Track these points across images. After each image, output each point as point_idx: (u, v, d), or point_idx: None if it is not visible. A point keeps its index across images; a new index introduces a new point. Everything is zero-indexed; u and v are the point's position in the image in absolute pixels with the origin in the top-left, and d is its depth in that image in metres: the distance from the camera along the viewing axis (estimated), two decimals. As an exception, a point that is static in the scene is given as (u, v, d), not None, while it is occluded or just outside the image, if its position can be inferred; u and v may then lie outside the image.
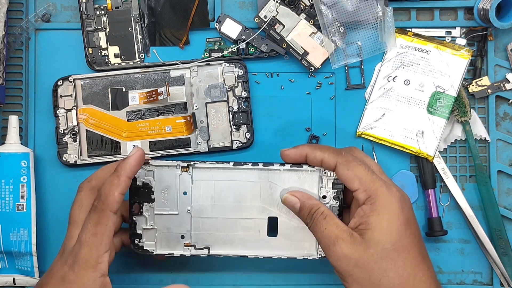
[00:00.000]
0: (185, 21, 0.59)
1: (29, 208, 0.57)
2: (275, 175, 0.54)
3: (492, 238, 0.59)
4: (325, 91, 0.60)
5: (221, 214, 0.54)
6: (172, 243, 0.54)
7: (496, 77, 0.60)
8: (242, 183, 0.54)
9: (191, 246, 0.54)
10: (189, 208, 0.54)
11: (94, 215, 0.47)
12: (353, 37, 0.59)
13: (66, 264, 0.48)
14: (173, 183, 0.54)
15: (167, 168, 0.54)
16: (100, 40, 0.59)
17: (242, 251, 0.54)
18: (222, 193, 0.54)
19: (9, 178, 0.57)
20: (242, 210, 0.54)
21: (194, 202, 0.54)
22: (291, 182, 0.53)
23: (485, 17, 0.57)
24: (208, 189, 0.54)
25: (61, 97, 0.59)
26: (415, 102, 0.59)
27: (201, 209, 0.54)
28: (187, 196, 0.54)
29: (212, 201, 0.54)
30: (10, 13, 0.59)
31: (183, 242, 0.54)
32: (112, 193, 0.48)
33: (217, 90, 0.59)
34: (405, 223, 0.47)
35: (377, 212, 0.47)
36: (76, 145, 0.59)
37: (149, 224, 0.54)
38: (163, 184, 0.54)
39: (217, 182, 0.54)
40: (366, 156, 0.53)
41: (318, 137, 0.59)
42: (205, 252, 0.54)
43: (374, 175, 0.49)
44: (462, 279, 0.60)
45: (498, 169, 0.60)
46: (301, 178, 0.53)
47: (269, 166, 0.53)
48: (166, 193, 0.54)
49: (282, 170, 0.53)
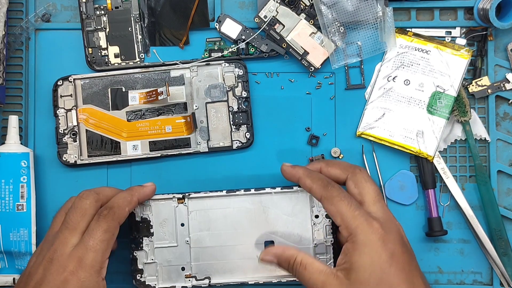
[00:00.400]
0: (185, 21, 0.59)
1: (29, 208, 0.57)
2: (267, 198, 0.55)
3: (492, 238, 0.59)
4: (325, 91, 0.60)
5: (219, 243, 0.55)
6: (173, 276, 0.55)
7: (496, 77, 0.60)
8: (236, 210, 0.55)
9: (192, 277, 0.55)
10: (187, 239, 0.55)
11: (104, 223, 0.49)
12: (353, 37, 0.59)
13: (66, 271, 0.48)
14: (170, 216, 0.55)
15: (164, 201, 0.56)
16: (100, 40, 0.59)
17: (242, 278, 0.55)
18: (218, 222, 0.55)
19: (9, 178, 0.57)
20: (239, 236, 0.55)
21: (192, 233, 0.55)
22: (283, 204, 0.55)
23: (485, 17, 0.57)
24: (204, 219, 0.55)
25: (61, 97, 0.59)
26: (415, 102, 0.59)
27: (199, 239, 0.55)
28: (185, 227, 0.55)
29: (209, 230, 0.55)
30: (10, 13, 0.59)
31: (184, 274, 0.55)
32: (124, 207, 0.51)
33: (217, 90, 0.59)
34: (389, 259, 0.47)
35: (358, 251, 0.47)
36: (76, 145, 0.59)
37: (150, 259, 0.55)
38: (161, 218, 0.55)
39: (212, 211, 0.55)
40: (367, 180, 0.52)
41: (318, 137, 0.59)
42: (206, 283, 0.55)
43: (358, 210, 0.49)
44: (462, 279, 0.60)
45: (498, 169, 0.60)
46: (292, 200, 0.55)
47: (260, 191, 0.55)
48: (164, 226, 0.56)
49: (273, 194, 0.55)
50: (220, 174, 0.59)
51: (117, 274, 0.59)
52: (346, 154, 0.60)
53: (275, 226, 0.55)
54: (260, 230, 0.55)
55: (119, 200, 0.51)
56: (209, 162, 0.60)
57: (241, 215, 0.55)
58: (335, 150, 0.60)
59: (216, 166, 0.60)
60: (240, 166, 0.60)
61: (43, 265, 0.48)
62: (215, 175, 0.59)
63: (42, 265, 0.48)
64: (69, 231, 0.49)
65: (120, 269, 0.59)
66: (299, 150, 0.60)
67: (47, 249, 0.49)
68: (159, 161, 0.60)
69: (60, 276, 0.47)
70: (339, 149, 0.60)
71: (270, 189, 0.55)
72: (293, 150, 0.60)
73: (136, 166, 0.60)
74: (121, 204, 0.51)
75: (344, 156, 0.60)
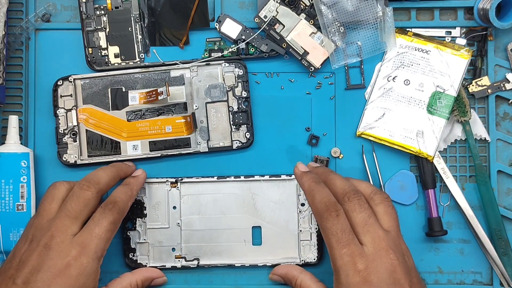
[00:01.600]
0: (185, 21, 0.59)
1: (29, 208, 0.57)
2: (256, 185, 0.58)
3: (492, 238, 0.59)
4: (325, 91, 0.60)
5: (208, 226, 0.58)
6: (164, 256, 0.58)
7: (496, 77, 0.60)
8: (226, 195, 0.58)
9: (182, 258, 0.58)
10: (178, 222, 0.58)
11: (110, 215, 0.51)
12: (353, 37, 0.59)
13: (69, 256, 0.49)
14: (163, 199, 0.58)
15: (157, 184, 0.58)
16: (100, 40, 0.59)
17: (229, 260, 0.58)
18: (208, 206, 0.58)
19: (9, 178, 0.57)
20: (227, 221, 0.58)
21: (183, 216, 0.58)
22: (271, 192, 0.58)
23: (485, 17, 0.57)
24: (195, 203, 0.58)
25: (61, 97, 0.59)
26: (415, 102, 0.59)
27: (190, 222, 0.58)
28: (177, 210, 0.58)
29: (200, 214, 0.58)
30: (10, 13, 0.59)
31: (174, 254, 0.58)
32: (127, 202, 0.54)
33: (217, 90, 0.59)
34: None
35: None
36: (76, 145, 0.59)
37: (142, 239, 0.58)
38: (154, 200, 0.58)
39: (203, 195, 0.58)
40: (387, 213, 0.52)
41: (318, 137, 0.59)
42: (194, 263, 0.58)
43: (345, 248, 0.48)
44: (462, 279, 0.60)
45: (498, 169, 0.60)
46: (280, 187, 0.58)
47: (249, 178, 0.58)
48: (157, 209, 0.58)
49: (262, 181, 0.58)
50: (220, 174, 0.59)
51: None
52: (346, 154, 0.60)
53: (262, 212, 0.58)
54: (248, 215, 0.58)
55: (122, 195, 0.53)
56: (209, 162, 0.60)
57: (230, 201, 0.58)
58: (335, 150, 0.60)
59: (216, 166, 0.60)
60: (240, 166, 0.60)
61: (38, 251, 0.49)
62: (215, 175, 0.59)
63: (37, 252, 0.49)
64: (70, 219, 0.51)
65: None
66: (299, 150, 0.60)
67: (41, 235, 0.50)
68: (159, 161, 0.60)
69: (62, 261, 0.49)
70: (339, 149, 0.60)
71: (259, 176, 0.58)
72: (293, 150, 0.60)
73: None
74: (124, 199, 0.53)
75: (344, 156, 0.60)
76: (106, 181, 0.54)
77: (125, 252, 0.58)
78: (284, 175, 0.58)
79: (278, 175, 0.58)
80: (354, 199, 0.50)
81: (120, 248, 0.59)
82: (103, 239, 0.51)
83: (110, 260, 0.59)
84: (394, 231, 0.51)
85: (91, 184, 0.52)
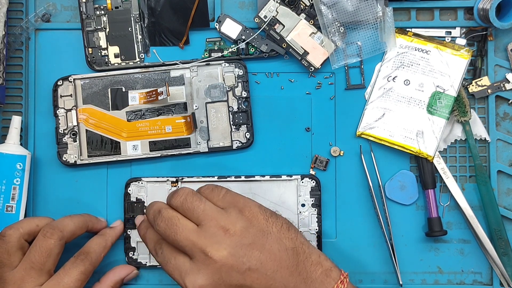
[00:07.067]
0: (185, 21, 0.59)
1: (18, 210, 0.57)
2: (256, 185, 0.58)
3: (492, 238, 0.59)
4: (325, 91, 0.60)
5: None
6: None
7: (496, 77, 0.60)
8: None
9: None
10: None
11: (81, 266, 0.52)
12: (353, 37, 0.59)
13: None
14: (164, 198, 0.56)
15: (158, 184, 0.58)
16: (100, 40, 0.59)
17: None
18: None
19: (3, 179, 0.57)
20: None
21: None
22: (271, 192, 0.58)
23: (485, 17, 0.57)
24: None
25: (61, 97, 0.59)
26: (415, 102, 0.59)
27: None
28: None
29: None
30: (10, 13, 0.59)
31: None
32: (100, 253, 0.54)
33: (217, 90, 0.59)
34: None
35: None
36: (76, 145, 0.59)
37: None
38: (155, 199, 0.56)
39: None
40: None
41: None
42: None
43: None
44: (462, 279, 0.60)
45: (498, 169, 0.60)
46: (281, 188, 0.58)
47: (250, 178, 0.58)
48: None
49: (262, 181, 0.58)
50: (220, 174, 0.59)
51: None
52: (346, 154, 0.60)
53: None
54: None
55: (95, 246, 0.54)
56: (209, 162, 0.60)
57: None
58: (335, 149, 0.60)
59: (216, 166, 0.60)
60: (240, 166, 0.60)
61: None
62: (215, 175, 0.59)
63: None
64: (36, 272, 0.50)
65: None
66: (299, 150, 0.60)
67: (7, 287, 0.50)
68: (159, 161, 0.60)
69: None
70: (339, 148, 0.60)
71: (259, 176, 0.58)
72: (293, 150, 0.60)
73: (136, 166, 0.60)
74: (97, 250, 0.54)
75: (344, 156, 0.60)
76: (72, 229, 0.53)
77: (125, 250, 0.58)
78: (284, 176, 0.58)
79: (278, 176, 0.58)
80: (158, 222, 0.50)
81: (121, 246, 0.59)
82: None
83: (112, 258, 0.59)
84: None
85: (55, 231, 0.52)
